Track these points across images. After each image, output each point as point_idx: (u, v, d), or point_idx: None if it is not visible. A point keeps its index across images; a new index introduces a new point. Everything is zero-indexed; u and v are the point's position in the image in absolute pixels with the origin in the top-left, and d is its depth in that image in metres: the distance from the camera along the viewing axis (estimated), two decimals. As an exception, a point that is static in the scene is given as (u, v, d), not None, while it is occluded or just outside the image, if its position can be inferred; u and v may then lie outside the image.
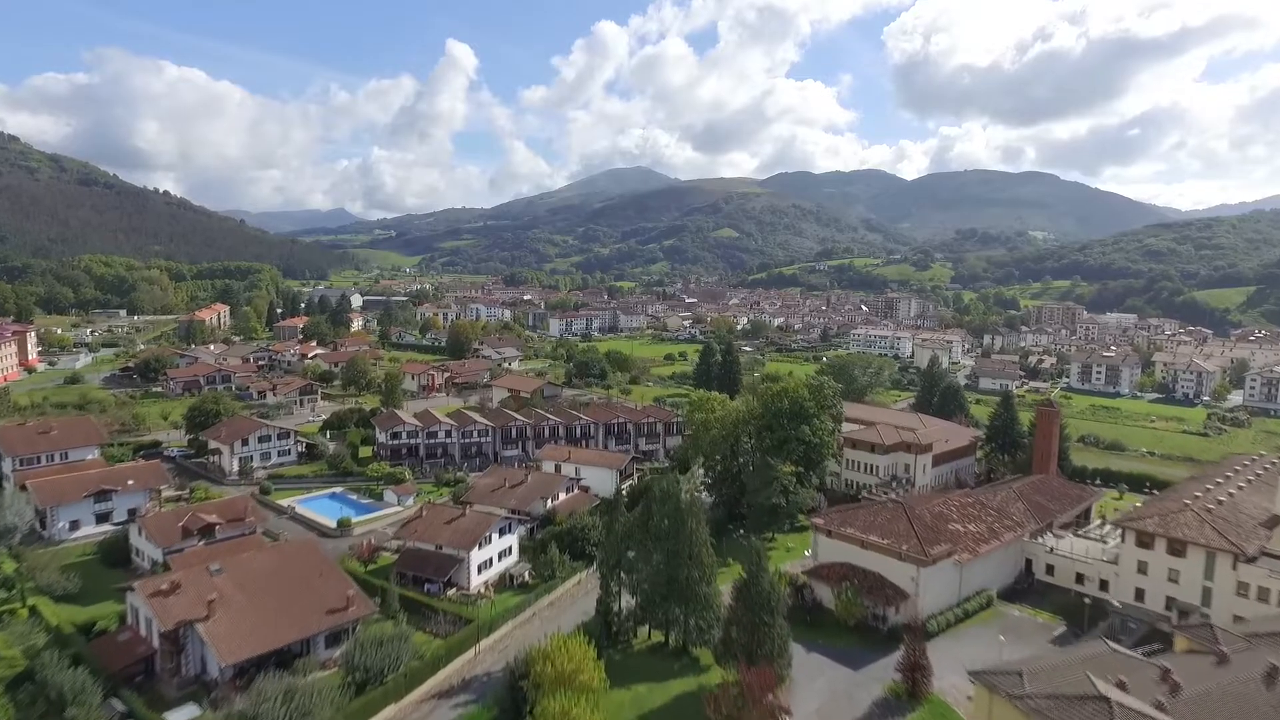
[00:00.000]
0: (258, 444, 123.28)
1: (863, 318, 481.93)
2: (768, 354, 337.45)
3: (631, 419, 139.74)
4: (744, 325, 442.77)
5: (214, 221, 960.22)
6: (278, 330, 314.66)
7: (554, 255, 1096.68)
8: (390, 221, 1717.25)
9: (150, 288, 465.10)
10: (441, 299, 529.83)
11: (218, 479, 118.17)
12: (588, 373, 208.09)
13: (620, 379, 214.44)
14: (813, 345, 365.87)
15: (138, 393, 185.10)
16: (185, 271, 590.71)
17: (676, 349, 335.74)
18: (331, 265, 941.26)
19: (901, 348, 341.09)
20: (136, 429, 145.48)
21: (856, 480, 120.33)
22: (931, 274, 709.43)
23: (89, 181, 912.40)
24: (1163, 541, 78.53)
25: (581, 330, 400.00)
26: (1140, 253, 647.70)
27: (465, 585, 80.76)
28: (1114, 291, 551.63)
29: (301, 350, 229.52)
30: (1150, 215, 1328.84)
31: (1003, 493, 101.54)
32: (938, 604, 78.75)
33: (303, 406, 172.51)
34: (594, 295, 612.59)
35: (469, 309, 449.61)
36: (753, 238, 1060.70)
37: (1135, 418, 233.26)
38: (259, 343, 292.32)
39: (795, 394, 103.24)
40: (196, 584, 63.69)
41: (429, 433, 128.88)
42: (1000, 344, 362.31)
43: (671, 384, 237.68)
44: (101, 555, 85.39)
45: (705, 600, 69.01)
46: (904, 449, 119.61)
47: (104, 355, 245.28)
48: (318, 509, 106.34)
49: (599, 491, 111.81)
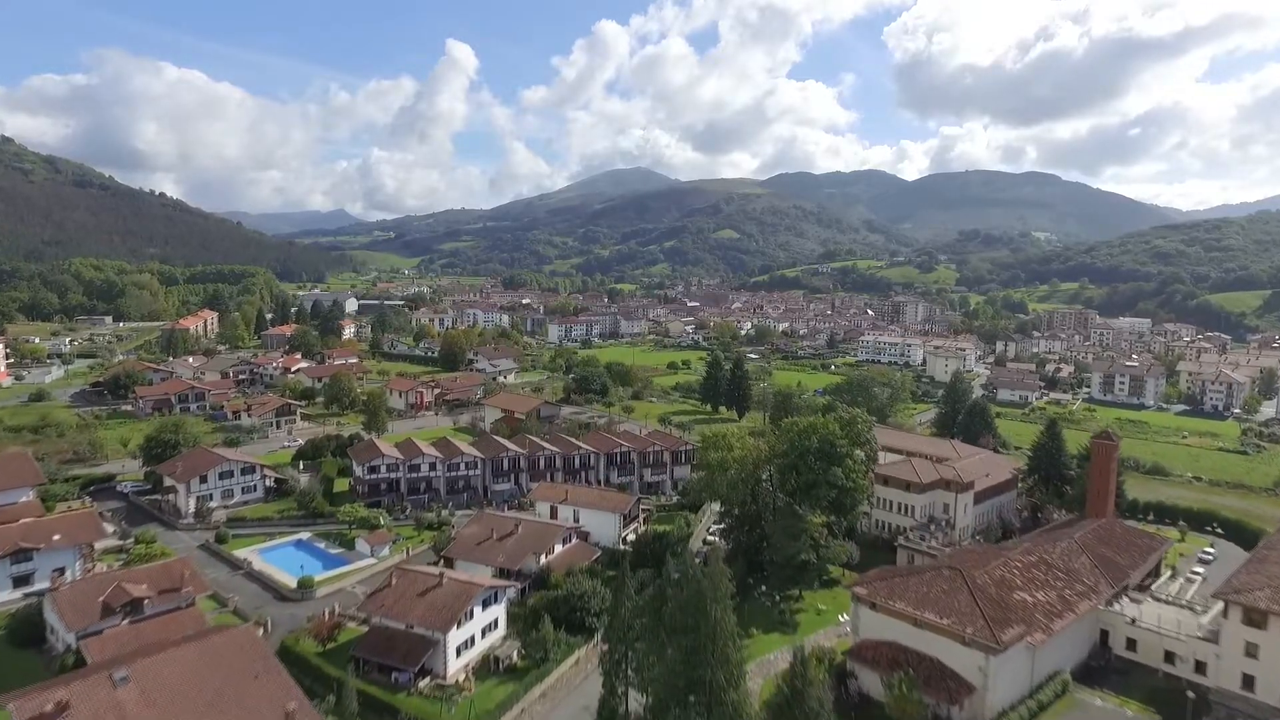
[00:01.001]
0: (218, 480, 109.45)
1: (869, 322, 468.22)
2: (774, 361, 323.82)
3: (635, 447, 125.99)
4: (748, 331, 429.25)
5: (211, 223, 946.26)
6: (266, 339, 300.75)
7: (553, 257, 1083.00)
8: (390, 223, 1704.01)
9: (140, 293, 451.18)
10: (439, 304, 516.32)
11: (171, 522, 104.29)
12: (587, 388, 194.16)
13: (622, 394, 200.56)
14: (819, 352, 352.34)
15: (105, 412, 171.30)
16: (178, 275, 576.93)
17: (679, 356, 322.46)
18: (329, 268, 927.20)
19: (912, 355, 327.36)
20: (92, 457, 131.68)
21: (890, 522, 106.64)
22: (936, 276, 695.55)
23: (84, 183, 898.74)
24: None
25: (581, 336, 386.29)
26: (1148, 254, 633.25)
27: (441, 673, 66.94)
28: (1124, 295, 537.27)
29: (285, 363, 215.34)
30: (1153, 215, 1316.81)
31: (1062, 544, 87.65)
32: (1008, 696, 65.08)
33: (279, 428, 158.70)
34: (594, 299, 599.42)
35: (466, 314, 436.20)
36: (753, 239, 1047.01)
37: (1165, 433, 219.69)
38: (244, 353, 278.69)
39: (825, 430, 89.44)
40: (91, 702, 49.85)
41: (411, 466, 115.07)
42: (1014, 350, 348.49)
43: (676, 397, 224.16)
44: (10, 633, 71.39)
45: (734, 710, 55.28)
46: (942, 486, 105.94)
47: (77, 368, 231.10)
48: (279, 562, 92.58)
49: (600, 538, 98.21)
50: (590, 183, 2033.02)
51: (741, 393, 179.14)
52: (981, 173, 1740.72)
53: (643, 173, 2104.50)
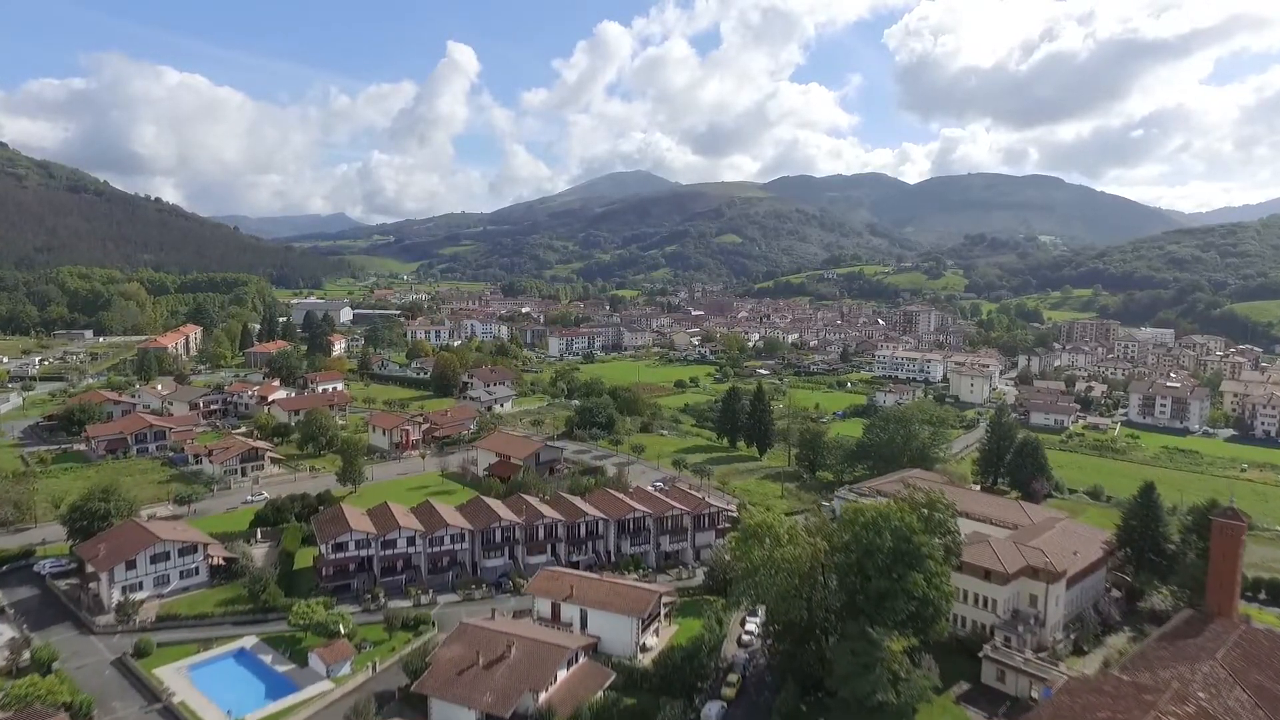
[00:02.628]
0: (150, 565, 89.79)
1: (880, 333, 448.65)
2: (787, 378, 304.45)
3: (651, 511, 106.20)
4: (755, 342, 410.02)
5: (206, 229, 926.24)
6: (250, 357, 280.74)
7: (554, 262, 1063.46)
8: (390, 227, 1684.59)
9: (126, 304, 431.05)
10: (435, 314, 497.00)
11: (89, 621, 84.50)
12: (592, 420, 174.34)
13: (629, 425, 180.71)
14: (833, 367, 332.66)
15: (53, 454, 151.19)
16: (169, 284, 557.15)
17: (686, 373, 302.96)
18: (327, 274, 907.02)
19: (931, 371, 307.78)
20: (18, 521, 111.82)
21: (965, 617, 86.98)
22: (944, 282, 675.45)
23: (79, 188, 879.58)
24: None
25: (583, 349, 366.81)
26: (1162, 260, 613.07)
27: None
28: (1141, 303, 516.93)
29: (262, 392, 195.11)
30: (1157, 218, 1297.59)
31: (1204, 667, 67.92)
32: None
33: (244, 476, 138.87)
34: (595, 306, 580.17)
35: (463, 325, 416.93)
36: (756, 243, 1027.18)
37: (1219, 464, 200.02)
38: (226, 373, 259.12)
39: (899, 524, 69.74)
40: None
41: (385, 542, 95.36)
42: (1037, 366, 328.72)
43: (687, 425, 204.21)
44: None
45: None
46: (1029, 574, 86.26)
47: (37, 395, 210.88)
48: (212, 684, 72.75)
49: (613, 646, 78.63)
50: (591, 186, 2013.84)
51: (763, 428, 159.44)
52: (984, 175, 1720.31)
53: (643, 176, 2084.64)
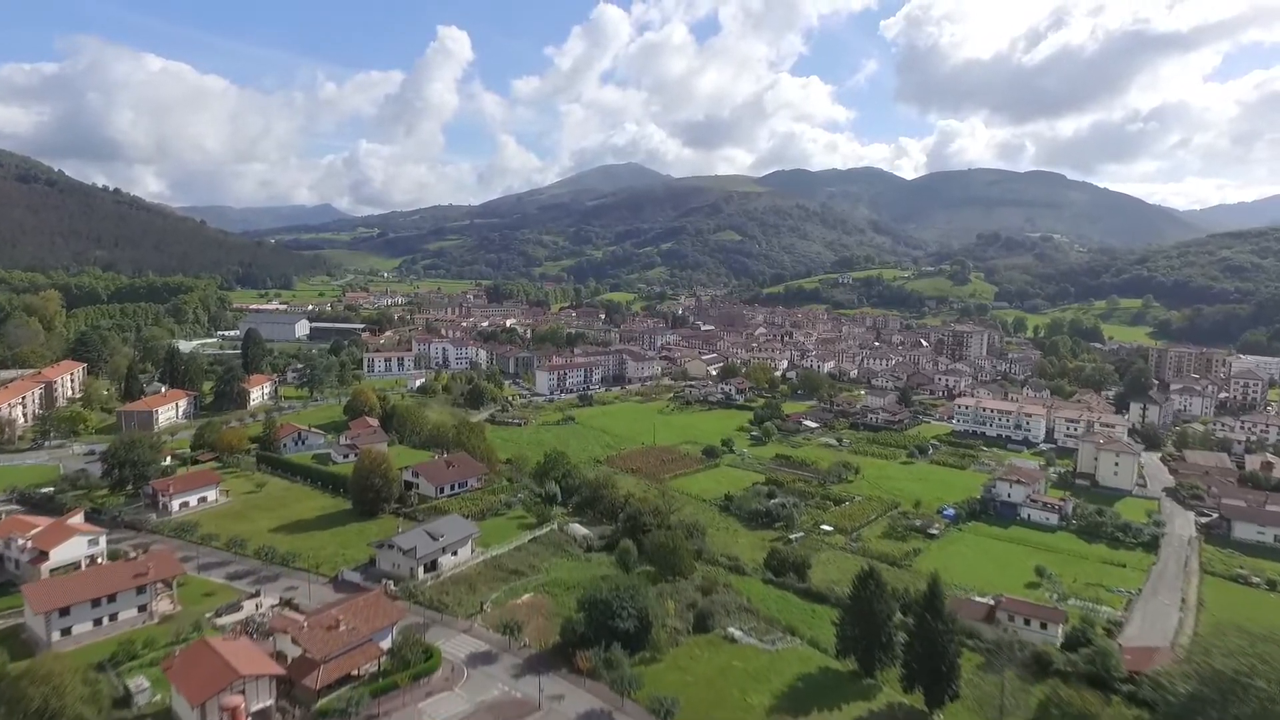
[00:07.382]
0: None
1: (926, 356, 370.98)
2: (845, 436, 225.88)
3: None
4: (785, 371, 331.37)
5: (170, 223, 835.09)
6: (122, 418, 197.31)
7: (543, 258, 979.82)
8: (375, 219, 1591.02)
9: (27, 322, 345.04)
10: (403, 329, 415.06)
11: None
12: (610, 626, 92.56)
13: (671, 615, 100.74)
14: (896, 416, 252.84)
15: None
16: (101, 289, 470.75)
17: (713, 425, 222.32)
18: (300, 271, 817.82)
19: (1032, 429, 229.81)
20: None
21: None
22: (972, 289, 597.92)
23: (29, 178, 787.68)
24: None
25: (578, 386, 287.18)
26: (1218, 267, 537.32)
27: None
28: (1211, 319, 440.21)
29: (41, 540, 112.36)
30: (1165, 217, 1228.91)
31: None
32: None
33: None
34: (589, 316, 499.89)
35: (433, 350, 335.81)
36: (756, 241, 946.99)
37: None
38: (78, 448, 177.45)
39: None
40: None
41: None
42: (1157, 415, 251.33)
43: (759, 585, 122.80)
44: None
45: None
46: None
47: None
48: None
49: None
50: (582, 178, 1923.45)
51: (945, 662, 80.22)
52: (984, 171, 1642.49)
53: (635, 168, 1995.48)
